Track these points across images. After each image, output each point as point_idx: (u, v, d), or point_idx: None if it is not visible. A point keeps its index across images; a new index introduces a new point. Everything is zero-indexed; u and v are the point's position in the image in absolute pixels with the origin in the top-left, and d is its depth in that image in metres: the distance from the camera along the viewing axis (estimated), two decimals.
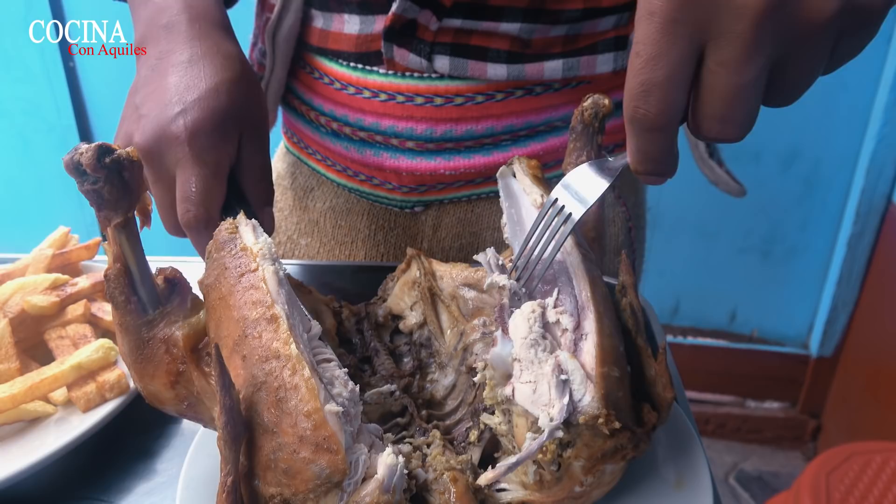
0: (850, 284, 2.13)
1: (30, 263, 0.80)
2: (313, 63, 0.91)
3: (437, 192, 0.90)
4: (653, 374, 0.55)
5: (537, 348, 0.53)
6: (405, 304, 0.70)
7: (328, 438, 0.47)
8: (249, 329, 0.52)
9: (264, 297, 0.53)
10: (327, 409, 0.48)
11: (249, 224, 0.59)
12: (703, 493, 0.56)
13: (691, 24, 0.41)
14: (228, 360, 0.52)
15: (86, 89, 2.22)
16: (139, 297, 0.57)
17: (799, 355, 2.29)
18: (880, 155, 1.96)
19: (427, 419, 0.61)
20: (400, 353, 0.68)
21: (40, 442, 0.64)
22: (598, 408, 0.49)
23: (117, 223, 0.56)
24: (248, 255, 0.56)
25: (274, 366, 0.50)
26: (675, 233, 2.15)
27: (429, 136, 0.86)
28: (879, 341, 2.05)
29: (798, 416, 2.34)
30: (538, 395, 0.52)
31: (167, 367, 0.56)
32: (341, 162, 0.93)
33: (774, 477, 2.24)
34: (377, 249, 0.97)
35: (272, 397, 0.49)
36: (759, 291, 2.25)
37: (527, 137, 0.89)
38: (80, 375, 0.67)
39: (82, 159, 0.55)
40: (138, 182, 0.58)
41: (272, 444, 0.48)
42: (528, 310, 0.55)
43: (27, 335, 0.74)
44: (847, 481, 1.39)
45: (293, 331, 0.51)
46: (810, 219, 2.12)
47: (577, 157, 0.68)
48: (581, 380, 0.51)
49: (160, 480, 0.64)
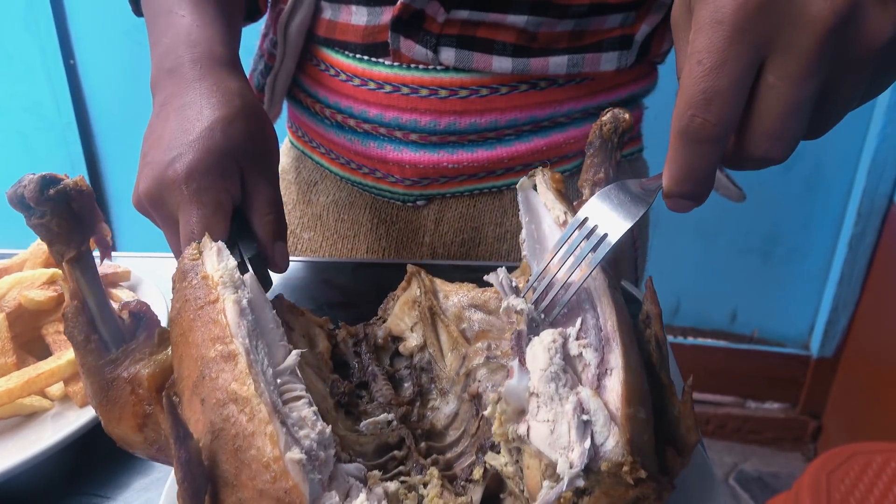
0: (852, 285, 2.12)
1: (27, 258, 0.79)
2: (320, 55, 0.91)
3: (440, 185, 0.90)
4: (676, 413, 0.51)
5: (558, 383, 0.48)
6: (405, 325, 0.66)
7: (290, 491, 0.42)
8: (206, 369, 0.47)
9: (223, 332, 0.47)
10: (288, 457, 0.43)
11: (214, 247, 0.54)
12: None
13: (758, 34, 0.41)
14: (188, 405, 0.48)
15: (86, 87, 2.21)
16: (100, 334, 0.53)
17: (800, 356, 2.29)
18: (882, 155, 1.95)
19: (426, 452, 0.56)
20: (400, 378, 0.63)
21: (37, 437, 0.63)
22: (623, 454, 0.45)
23: (70, 258, 0.52)
24: (208, 284, 0.51)
25: (231, 410, 0.44)
26: (676, 233, 2.15)
27: (432, 128, 0.86)
28: (880, 342, 2.04)
29: (798, 417, 2.33)
30: (556, 436, 0.47)
31: (133, 408, 0.51)
32: (345, 155, 0.93)
33: (774, 478, 2.23)
34: (379, 243, 0.97)
35: (230, 446, 0.44)
36: (760, 292, 2.24)
37: (530, 132, 0.89)
38: (76, 370, 0.66)
39: (25, 192, 0.50)
40: (90, 213, 0.54)
41: (233, 500, 0.43)
42: (548, 339, 0.50)
43: (24, 330, 0.73)
44: (848, 482, 1.39)
45: (252, 367, 0.46)
46: (811, 219, 2.12)
47: (595, 174, 0.64)
48: (605, 421, 0.46)
49: (157, 476, 0.64)
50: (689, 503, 0.55)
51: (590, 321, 0.51)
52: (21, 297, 0.72)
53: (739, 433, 2.35)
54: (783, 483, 2.19)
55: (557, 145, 0.90)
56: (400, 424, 0.57)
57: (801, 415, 2.33)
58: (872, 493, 1.36)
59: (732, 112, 0.42)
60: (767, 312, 2.28)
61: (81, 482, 0.63)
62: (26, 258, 0.79)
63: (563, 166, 0.92)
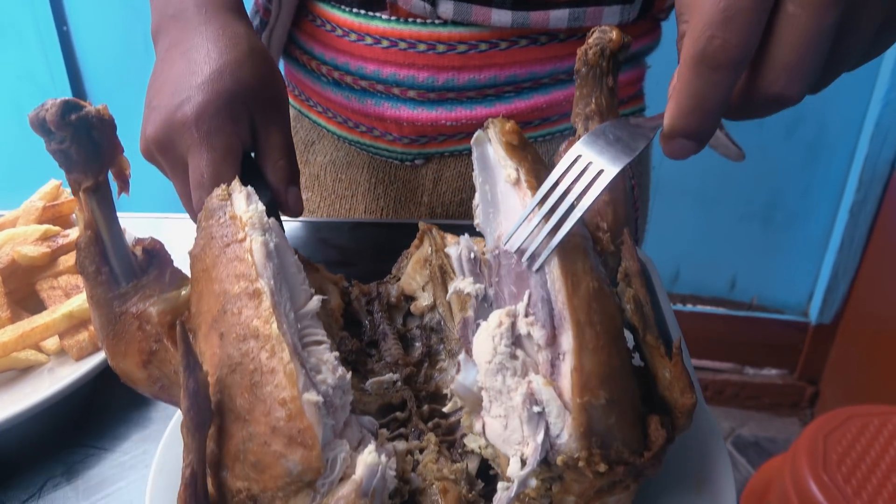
0: (852, 252, 2.11)
1: (20, 215, 0.79)
2: (315, 10, 0.89)
3: (438, 144, 0.89)
4: (668, 376, 0.48)
5: (505, 374, 0.45)
6: (417, 284, 0.64)
7: (303, 431, 0.42)
8: (229, 304, 0.47)
9: (249, 270, 0.48)
10: (305, 397, 0.43)
11: (244, 191, 0.55)
12: (726, 495, 0.50)
13: None
14: (205, 339, 0.48)
15: (80, 54, 2.18)
16: (111, 267, 0.53)
17: (798, 322, 2.29)
18: (886, 120, 1.93)
19: (429, 416, 0.55)
20: (412, 338, 0.62)
21: (32, 390, 0.63)
22: (577, 449, 0.42)
23: (87, 187, 0.52)
24: (236, 224, 0.51)
25: (251, 346, 0.44)
26: (676, 200, 2.13)
27: (430, 84, 0.84)
28: (879, 308, 2.05)
29: (796, 383, 2.35)
30: (510, 431, 0.45)
31: (139, 344, 0.52)
32: (342, 113, 0.92)
33: (771, 442, 2.25)
34: (377, 203, 0.96)
35: (247, 381, 0.44)
36: (760, 259, 2.24)
37: (531, 90, 0.87)
38: (71, 324, 0.66)
39: (47, 116, 0.50)
40: (110, 143, 0.54)
41: (243, 434, 0.43)
42: (493, 324, 0.47)
43: (18, 286, 0.73)
44: (844, 443, 1.40)
45: (276, 309, 0.46)
46: (813, 185, 2.10)
47: (586, 106, 0.59)
48: (558, 412, 0.43)
49: (155, 428, 0.64)
50: (686, 454, 0.54)
51: (537, 295, 0.46)
52: (14, 253, 0.71)
53: (737, 399, 2.37)
54: (780, 447, 2.21)
55: (558, 103, 0.89)
56: (404, 386, 0.57)
57: (799, 381, 2.35)
58: (869, 455, 1.37)
59: (754, 33, 0.40)
60: (767, 279, 2.27)
61: (80, 435, 0.64)
62: (19, 215, 0.79)
63: (563, 125, 0.91)
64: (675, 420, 0.48)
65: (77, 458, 0.61)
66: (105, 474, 0.60)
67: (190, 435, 0.42)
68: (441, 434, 0.54)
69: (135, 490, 0.58)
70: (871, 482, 1.31)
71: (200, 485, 0.42)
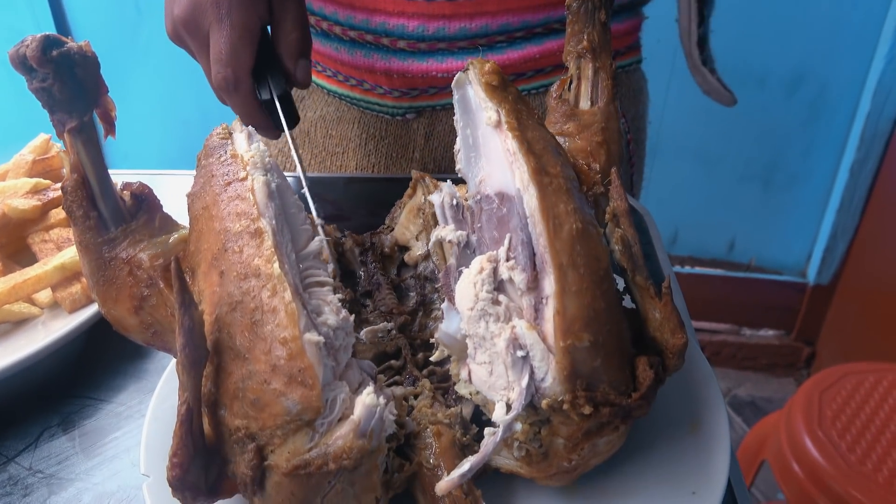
0: (851, 212, 2.10)
1: (10, 169, 0.78)
2: None
3: (429, 97, 0.87)
4: (658, 316, 0.48)
5: (488, 320, 0.45)
6: (411, 234, 0.64)
7: (304, 371, 0.42)
8: (230, 242, 0.47)
9: (250, 208, 0.48)
10: (307, 337, 0.42)
11: (245, 130, 0.55)
12: (720, 437, 0.50)
13: None
14: (204, 277, 0.47)
15: (70, 15, 2.14)
16: (99, 212, 0.52)
17: (796, 283, 2.29)
18: (888, 77, 1.90)
19: (423, 363, 0.55)
20: (406, 288, 0.62)
21: (27, 342, 0.63)
22: (562, 392, 0.42)
23: (72, 127, 0.51)
24: (237, 163, 0.51)
25: (253, 284, 0.44)
26: (675, 160, 2.11)
27: (421, 34, 0.82)
28: (877, 268, 2.05)
29: (793, 344, 2.36)
30: (495, 377, 0.45)
31: (130, 290, 0.51)
32: (332, 66, 0.90)
33: (767, 402, 2.27)
34: (368, 159, 0.95)
35: (247, 319, 0.44)
36: (759, 220, 2.23)
37: (523, 39, 0.85)
38: (64, 276, 0.66)
39: (27, 52, 0.48)
40: (94, 81, 0.52)
41: (242, 372, 0.43)
42: (474, 270, 0.47)
43: (9, 240, 0.72)
44: (839, 400, 1.41)
45: (278, 248, 0.46)
46: (814, 145, 2.08)
47: (578, 43, 0.59)
48: (542, 355, 0.43)
49: (151, 380, 0.64)
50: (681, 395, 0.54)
51: (517, 238, 0.46)
52: (5, 206, 0.70)
53: (734, 360, 2.38)
54: (775, 407, 2.23)
55: (552, 53, 0.87)
56: (398, 334, 0.57)
57: (796, 341, 2.36)
58: (863, 411, 1.39)
59: None
60: (766, 241, 2.27)
61: (76, 386, 0.64)
62: (8, 168, 0.78)
63: (558, 76, 0.89)
64: (665, 360, 0.47)
65: (73, 408, 0.61)
66: (101, 424, 0.60)
67: (185, 372, 0.42)
68: (436, 381, 0.54)
69: (131, 440, 0.58)
70: (865, 438, 1.32)
71: (196, 422, 0.42)
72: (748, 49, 1.90)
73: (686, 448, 0.50)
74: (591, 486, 0.49)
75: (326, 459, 0.41)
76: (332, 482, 0.43)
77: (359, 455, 0.42)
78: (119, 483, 0.55)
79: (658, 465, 0.50)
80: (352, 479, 0.43)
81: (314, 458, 0.41)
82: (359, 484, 0.43)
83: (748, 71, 1.96)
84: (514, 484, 0.49)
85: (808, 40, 1.92)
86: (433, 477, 0.46)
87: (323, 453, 0.42)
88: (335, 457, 0.41)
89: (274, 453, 0.42)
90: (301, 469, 0.41)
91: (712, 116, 1.98)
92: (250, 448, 0.42)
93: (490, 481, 0.49)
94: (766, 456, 1.49)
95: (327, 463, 0.41)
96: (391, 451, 0.47)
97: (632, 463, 0.50)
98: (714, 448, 0.50)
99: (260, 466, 0.42)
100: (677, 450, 0.50)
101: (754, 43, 1.90)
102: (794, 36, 1.90)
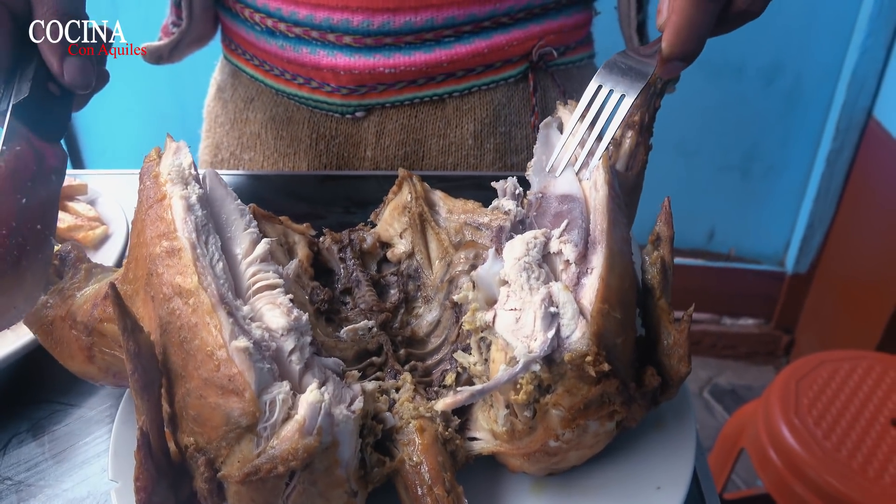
0: (828, 201, 2.13)
1: None
2: None
3: (378, 94, 0.87)
4: (670, 342, 0.50)
5: (530, 273, 0.48)
6: (394, 231, 0.64)
7: (233, 378, 0.42)
8: (153, 265, 0.47)
9: (168, 227, 0.48)
10: (233, 345, 0.43)
11: (174, 145, 0.53)
12: (686, 432, 0.52)
13: None
14: (143, 304, 0.48)
15: None
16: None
17: (775, 272, 2.32)
18: (863, 67, 1.92)
19: (406, 359, 0.56)
20: (386, 284, 0.62)
21: None
22: (588, 345, 0.44)
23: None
24: (158, 183, 0.51)
25: (177, 303, 0.45)
26: (655, 150, 2.10)
27: (366, 28, 0.82)
28: (853, 257, 2.07)
29: (772, 332, 2.39)
30: (521, 324, 0.46)
31: (77, 343, 0.52)
32: (278, 65, 0.90)
33: (747, 390, 2.30)
34: (320, 160, 0.94)
35: (176, 338, 0.44)
36: (738, 209, 2.25)
37: (471, 34, 0.85)
38: None
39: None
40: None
41: (182, 391, 0.44)
42: (530, 235, 0.50)
43: None
44: (816, 388, 1.43)
45: (198, 261, 0.46)
46: (790, 135, 2.10)
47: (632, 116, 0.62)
48: (573, 314, 0.45)
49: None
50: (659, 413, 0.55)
51: (577, 222, 0.51)
52: None
53: (714, 349, 2.41)
54: (755, 394, 2.26)
55: (500, 48, 0.87)
56: (379, 331, 0.57)
57: (775, 330, 2.39)
58: (839, 398, 1.41)
59: None
60: (745, 230, 2.29)
61: (45, 391, 0.63)
62: None
63: (507, 72, 0.89)
64: (665, 385, 0.49)
65: (42, 414, 0.61)
66: (71, 429, 0.60)
67: (139, 396, 0.43)
68: (418, 376, 0.55)
69: (101, 445, 0.58)
70: (840, 425, 1.34)
71: (156, 445, 0.43)
72: (725, 40, 1.91)
73: (651, 444, 0.51)
74: (557, 484, 0.50)
75: (275, 463, 0.42)
76: (293, 483, 0.43)
77: (306, 454, 0.42)
78: (89, 489, 0.54)
79: (623, 461, 0.50)
80: (312, 478, 0.43)
81: (262, 463, 0.42)
82: (321, 482, 0.44)
83: (725, 62, 1.97)
84: (494, 481, 0.51)
85: (784, 31, 1.93)
86: (416, 475, 0.47)
87: (271, 457, 0.42)
88: (282, 459, 0.42)
89: (225, 464, 0.43)
90: (252, 475, 0.42)
91: (690, 107, 1.99)
92: (200, 462, 0.43)
93: (472, 479, 0.50)
94: (745, 444, 1.51)
95: (276, 466, 0.42)
96: (368, 445, 0.47)
97: (596, 460, 0.50)
98: (679, 443, 0.51)
99: (214, 479, 0.43)
100: (642, 446, 0.51)
101: (731, 34, 1.91)
102: (771, 27, 1.91)
